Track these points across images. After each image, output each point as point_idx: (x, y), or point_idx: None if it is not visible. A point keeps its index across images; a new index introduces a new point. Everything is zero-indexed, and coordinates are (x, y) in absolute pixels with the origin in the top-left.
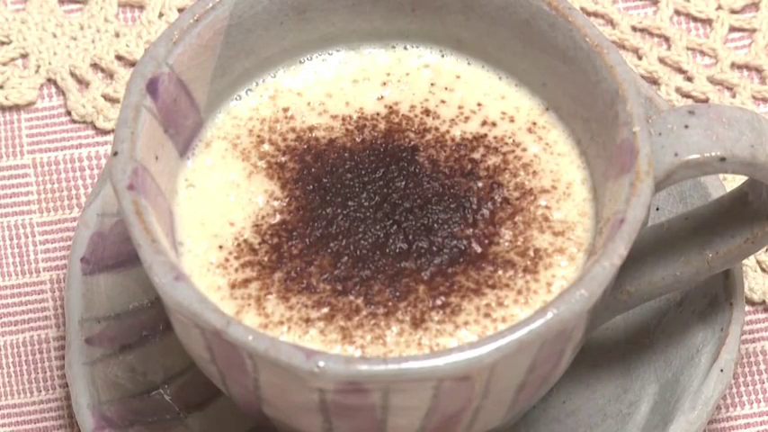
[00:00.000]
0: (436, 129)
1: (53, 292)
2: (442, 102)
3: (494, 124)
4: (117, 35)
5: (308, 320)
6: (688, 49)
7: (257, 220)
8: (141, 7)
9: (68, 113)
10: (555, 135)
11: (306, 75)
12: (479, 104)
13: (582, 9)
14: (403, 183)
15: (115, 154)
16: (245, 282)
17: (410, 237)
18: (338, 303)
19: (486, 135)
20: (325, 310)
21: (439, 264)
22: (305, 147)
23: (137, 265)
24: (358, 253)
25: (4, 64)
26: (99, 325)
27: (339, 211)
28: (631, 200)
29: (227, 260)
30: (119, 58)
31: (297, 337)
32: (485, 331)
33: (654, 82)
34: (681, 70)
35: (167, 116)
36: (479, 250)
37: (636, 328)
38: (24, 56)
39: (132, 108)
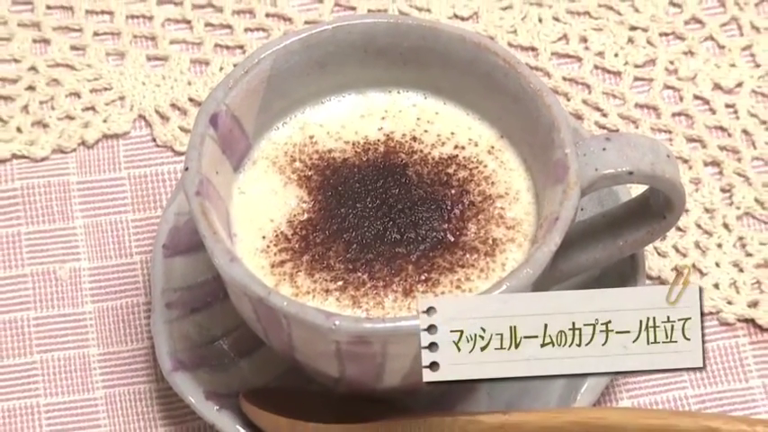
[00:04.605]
0: (421, 151)
1: (142, 270)
2: (425, 131)
3: (463, 148)
4: (189, 83)
5: (327, 291)
6: (604, 93)
7: (290, 217)
8: (207, 63)
9: (154, 140)
10: (508, 155)
11: (326, 111)
12: (452, 133)
13: (527, 64)
14: (396, 190)
15: (186, 169)
16: (282, 263)
17: (402, 230)
18: (350, 278)
19: (457, 156)
20: (340, 283)
21: (423, 249)
22: (325, 164)
23: (203, 251)
24: (364, 242)
25: (107, 104)
26: (175, 294)
27: (350, 211)
28: (564, 203)
29: (268, 247)
30: (190, 99)
31: (319, 303)
32: None
33: (579, 117)
34: (598, 109)
35: (224, 142)
36: (452, 239)
37: None
38: (122, 98)
39: (199, 136)
